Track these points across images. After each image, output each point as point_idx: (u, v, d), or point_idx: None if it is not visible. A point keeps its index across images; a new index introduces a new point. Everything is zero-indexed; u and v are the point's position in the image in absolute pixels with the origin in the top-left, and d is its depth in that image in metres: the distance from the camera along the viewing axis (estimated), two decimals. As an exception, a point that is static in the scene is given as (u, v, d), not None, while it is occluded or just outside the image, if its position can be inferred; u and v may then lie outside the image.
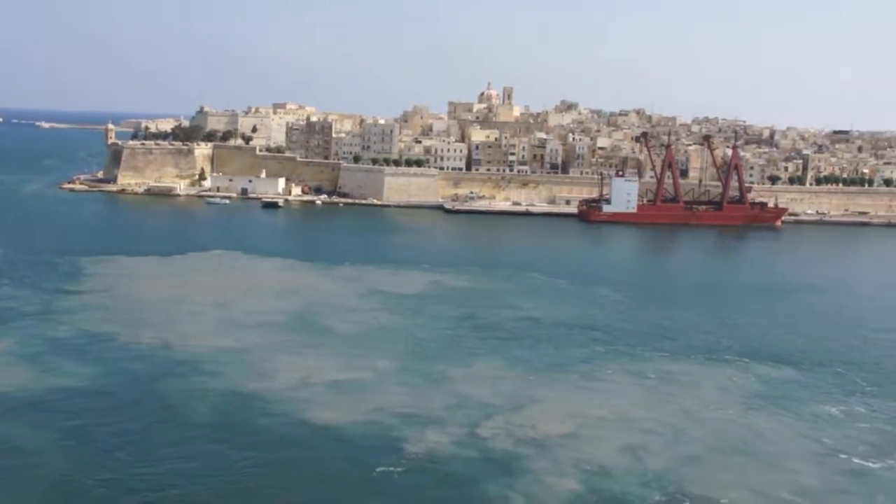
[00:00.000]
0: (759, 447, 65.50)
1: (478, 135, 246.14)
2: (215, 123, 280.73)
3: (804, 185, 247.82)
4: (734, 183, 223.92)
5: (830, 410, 73.99)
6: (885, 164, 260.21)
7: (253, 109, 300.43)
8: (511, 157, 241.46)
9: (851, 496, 57.47)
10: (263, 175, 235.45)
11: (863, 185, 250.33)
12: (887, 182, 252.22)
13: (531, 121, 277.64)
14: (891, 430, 69.63)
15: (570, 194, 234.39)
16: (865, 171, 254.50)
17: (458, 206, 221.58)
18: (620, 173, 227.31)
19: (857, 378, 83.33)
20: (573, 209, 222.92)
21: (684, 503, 55.40)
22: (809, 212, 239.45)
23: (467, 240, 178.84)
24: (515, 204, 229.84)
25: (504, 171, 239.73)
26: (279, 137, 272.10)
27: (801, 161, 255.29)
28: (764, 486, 58.27)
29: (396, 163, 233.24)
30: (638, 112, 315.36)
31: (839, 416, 72.87)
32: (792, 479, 59.67)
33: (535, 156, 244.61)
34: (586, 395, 75.75)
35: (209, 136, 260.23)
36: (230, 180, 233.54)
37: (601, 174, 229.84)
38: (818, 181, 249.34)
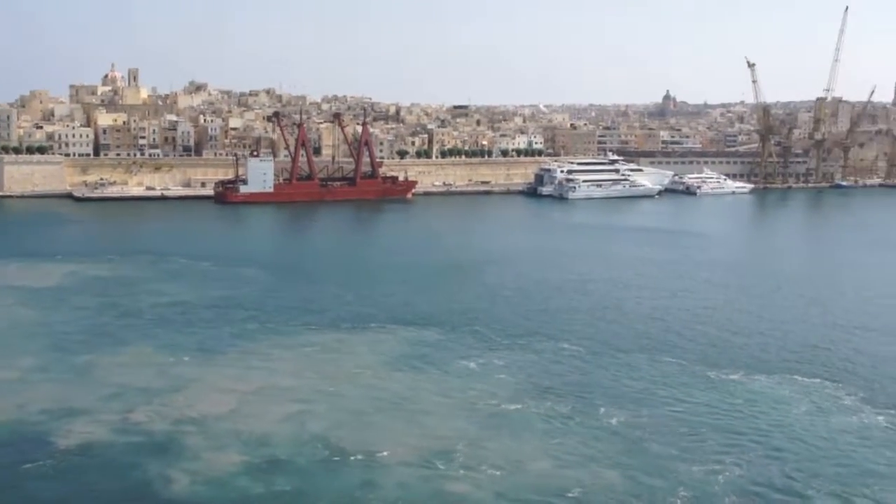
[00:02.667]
0: (411, 403, 69.51)
1: (104, 118, 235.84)
2: None
3: (430, 157, 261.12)
4: (366, 159, 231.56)
5: (470, 365, 79.40)
6: (501, 136, 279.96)
7: None
8: (141, 141, 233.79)
9: (497, 437, 62.51)
10: None
11: (483, 156, 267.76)
12: (504, 152, 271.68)
13: (160, 103, 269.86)
14: (524, 378, 75.97)
15: (205, 176, 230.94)
16: (484, 143, 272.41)
17: (88, 194, 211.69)
18: (255, 153, 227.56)
19: (492, 335, 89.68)
20: (210, 191, 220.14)
21: (347, 459, 58.15)
22: (437, 183, 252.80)
23: (102, 227, 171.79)
24: (149, 189, 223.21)
25: (135, 155, 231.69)
26: None
27: (426, 135, 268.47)
28: (418, 436, 62.16)
29: (17, 150, 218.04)
30: (268, 92, 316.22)
31: (478, 369, 78.42)
32: (444, 427, 64.00)
33: (166, 138, 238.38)
34: (243, 371, 76.42)
35: None
36: None
37: (236, 155, 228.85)
38: (443, 154, 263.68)
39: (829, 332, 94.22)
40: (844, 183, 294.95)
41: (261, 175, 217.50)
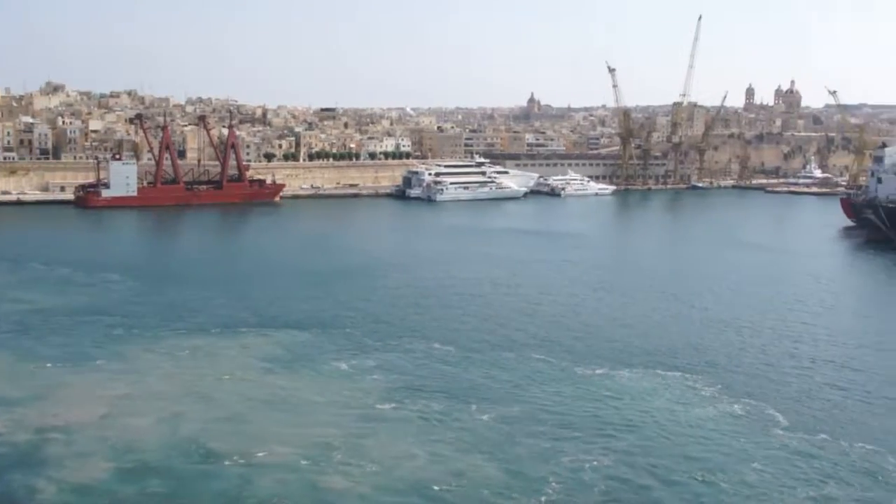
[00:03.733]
0: (285, 404, 69.45)
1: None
2: None
3: (298, 161, 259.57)
4: (232, 162, 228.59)
5: (342, 366, 79.49)
6: (369, 138, 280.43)
7: None
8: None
9: (372, 435, 63.10)
10: None
11: (351, 159, 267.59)
12: (372, 155, 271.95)
13: (14, 104, 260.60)
14: (397, 378, 76.46)
15: (64, 180, 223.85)
16: (352, 145, 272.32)
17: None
18: (117, 156, 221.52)
19: (364, 337, 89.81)
20: (70, 196, 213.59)
21: (223, 461, 57.93)
22: (305, 186, 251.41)
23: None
24: (4, 193, 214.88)
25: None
26: None
27: (293, 138, 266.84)
28: (294, 437, 62.15)
29: None
30: (130, 93, 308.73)
31: (351, 370, 78.58)
32: (319, 427, 64.13)
33: (22, 141, 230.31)
34: (110, 376, 74.75)
35: None
36: None
37: (97, 158, 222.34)
38: (311, 157, 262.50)
39: (688, 327, 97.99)
40: (700, 184, 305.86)
41: (124, 179, 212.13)
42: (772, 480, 57.29)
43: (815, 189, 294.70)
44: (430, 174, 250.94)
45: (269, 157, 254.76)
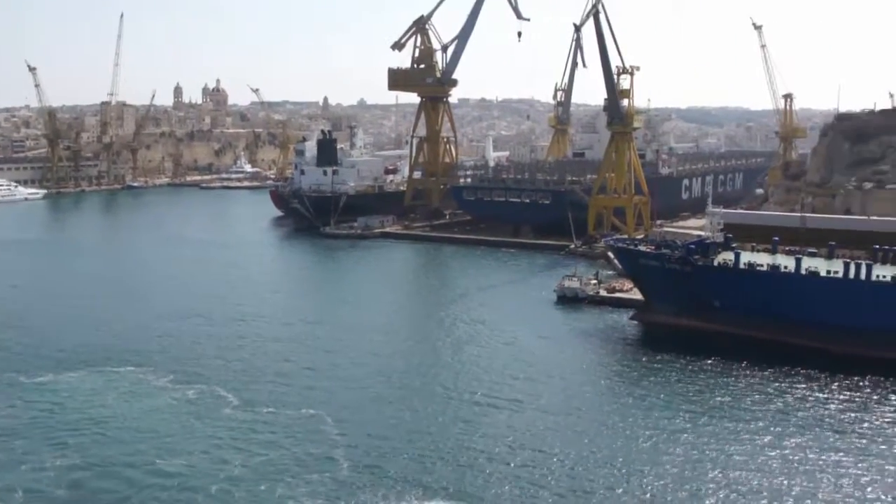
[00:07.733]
0: None
1: None
2: None
3: None
4: None
5: None
6: None
7: None
8: None
9: None
10: None
11: None
12: None
13: None
14: None
15: None
16: None
17: None
18: None
19: None
20: None
21: None
22: None
23: None
24: None
25: None
26: None
27: None
28: None
29: None
30: None
31: None
32: None
33: None
34: None
35: None
36: None
37: None
38: None
39: (138, 323, 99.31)
40: (136, 184, 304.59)
41: None
42: (227, 452, 61.42)
43: (247, 183, 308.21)
44: None
45: None
